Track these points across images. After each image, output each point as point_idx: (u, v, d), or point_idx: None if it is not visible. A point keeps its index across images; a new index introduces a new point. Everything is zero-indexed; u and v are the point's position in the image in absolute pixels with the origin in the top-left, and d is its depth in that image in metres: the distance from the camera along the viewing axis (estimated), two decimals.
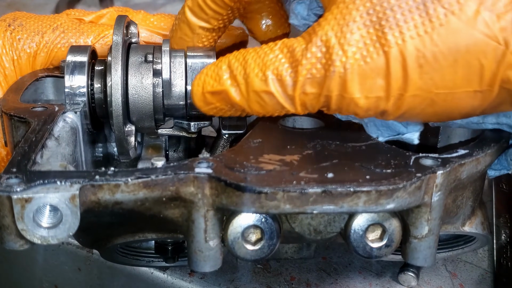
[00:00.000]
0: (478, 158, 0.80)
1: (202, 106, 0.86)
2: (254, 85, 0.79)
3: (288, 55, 0.77)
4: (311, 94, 0.77)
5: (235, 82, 0.81)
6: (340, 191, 0.70)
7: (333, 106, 0.77)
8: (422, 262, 0.80)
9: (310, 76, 0.75)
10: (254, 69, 0.79)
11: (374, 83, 0.74)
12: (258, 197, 0.70)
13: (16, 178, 0.69)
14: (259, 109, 0.81)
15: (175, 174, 0.72)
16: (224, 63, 0.83)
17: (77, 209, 0.68)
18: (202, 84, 0.84)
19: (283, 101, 0.78)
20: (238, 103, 0.82)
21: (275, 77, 0.77)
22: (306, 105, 0.78)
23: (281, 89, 0.78)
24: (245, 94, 0.80)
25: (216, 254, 0.77)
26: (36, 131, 0.81)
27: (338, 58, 0.74)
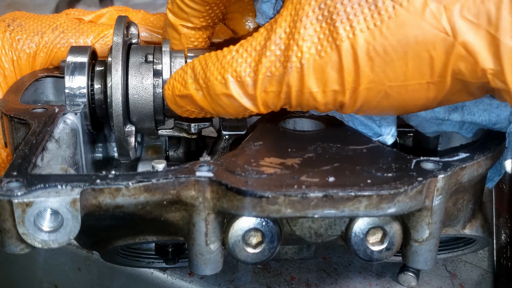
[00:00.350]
0: (479, 161, 0.80)
1: (175, 109, 0.88)
2: (215, 89, 0.80)
3: (245, 56, 0.78)
4: (272, 92, 0.77)
5: (198, 86, 0.82)
6: (341, 196, 0.70)
7: (293, 102, 0.78)
8: (423, 265, 0.80)
9: (269, 74, 0.76)
10: (213, 72, 0.80)
11: (330, 77, 0.74)
12: (259, 202, 0.70)
13: (17, 182, 0.68)
14: (223, 111, 0.82)
15: (176, 178, 0.72)
16: (189, 67, 0.84)
17: (78, 213, 0.68)
18: (171, 88, 0.86)
19: (244, 102, 0.79)
20: (204, 106, 0.83)
21: (234, 79, 0.78)
22: (268, 103, 0.79)
23: (242, 90, 0.79)
24: (208, 97, 0.82)
25: (217, 257, 0.77)
26: (37, 133, 0.81)
27: (294, 54, 0.74)
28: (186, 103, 0.86)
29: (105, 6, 1.96)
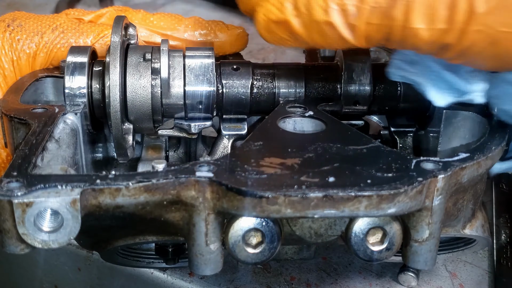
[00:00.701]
0: (479, 161, 0.80)
1: (266, 36, 0.86)
2: (316, 15, 0.78)
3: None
4: (374, 25, 0.76)
5: (297, 12, 0.80)
6: (341, 196, 0.70)
7: (394, 37, 0.76)
8: (423, 266, 0.80)
9: (375, 4, 0.74)
10: (318, 0, 0.77)
11: (439, 14, 0.72)
12: (259, 202, 0.70)
13: (17, 182, 0.68)
14: (320, 40, 0.80)
15: (176, 178, 0.72)
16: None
17: (78, 213, 0.68)
18: (266, 12, 0.83)
19: (345, 32, 0.77)
20: (300, 34, 0.81)
21: (338, 7, 0.76)
22: (368, 36, 0.77)
23: (344, 19, 0.77)
24: (307, 24, 0.79)
25: (217, 258, 0.77)
26: (37, 134, 0.81)
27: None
28: (281, 29, 0.83)
29: (105, 6, 1.95)
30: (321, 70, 1.00)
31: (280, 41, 0.85)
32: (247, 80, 0.97)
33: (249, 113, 1.00)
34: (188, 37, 1.10)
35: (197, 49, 0.99)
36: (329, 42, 0.80)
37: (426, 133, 1.01)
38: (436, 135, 0.98)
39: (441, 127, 0.96)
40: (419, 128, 1.03)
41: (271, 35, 0.85)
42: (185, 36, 1.10)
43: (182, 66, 0.95)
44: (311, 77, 0.99)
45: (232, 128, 1.00)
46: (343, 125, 0.89)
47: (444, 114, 0.95)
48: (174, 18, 1.11)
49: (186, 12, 2.13)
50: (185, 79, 0.95)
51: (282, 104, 0.96)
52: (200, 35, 1.10)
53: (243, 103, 0.97)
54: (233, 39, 1.12)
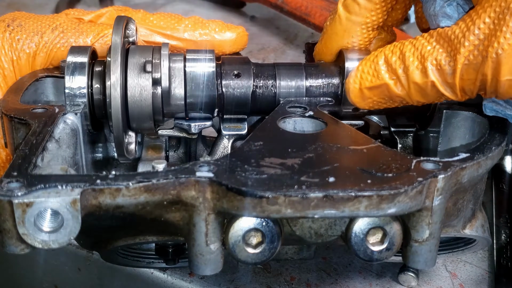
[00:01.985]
0: (479, 161, 0.80)
1: (358, 102, 0.91)
2: (415, 77, 0.83)
3: (445, 45, 0.81)
4: (468, 80, 0.80)
5: (394, 75, 0.85)
6: (341, 196, 0.70)
7: (489, 89, 0.79)
8: (423, 266, 0.80)
9: (467, 62, 0.78)
10: (413, 62, 0.83)
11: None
12: (260, 202, 0.70)
13: (17, 182, 0.68)
14: (420, 98, 0.85)
15: (176, 178, 0.72)
16: (380, 58, 0.87)
17: (78, 213, 0.68)
18: (359, 81, 0.89)
19: (443, 89, 0.82)
20: (398, 95, 0.86)
21: (434, 67, 0.81)
22: (465, 90, 0.81)
23: (441, 78, 0.81)
24: (405, 86, 0.84)
25: (217, 258, 0.77)
26: (37, 134, 0.81)
27: (491, 44, 0.76)
28: (375, 94, 0.88)
29: (105, 6, 1.95)
30: (321, 70, 1.00)
31: (373, 104, 0.91)
32: (248, 81, 0.97)
33: (249, 113, 1.00)
34: (188, 37, 1.10)
35: (198, 52, 0.99)
36: (429, 99, 0.85)
37: (426, 133, 1.02)
38: (436, 135, 0.98)
39: (441, 127, 0.96)
40: (419, 128, 1.03)
41: (365, 101, 0.90)
42: (185, 36, 1.10)
43: (183, 75, 0.96)
44: (312, 77, 0.99)
45: (232, 128, 1.00)
46: (343, 125, 0.89)
47: (444, 114, 0.95)
48: (174, 18, 1.11)
49: (186, 12, 2.13)
50: (186, 87, 0.96)
51: (282, 104, 0.95)
52: (200, 34, 1.10)
53: (244, 104, 0.97)
54: (233, 39, 1.12)
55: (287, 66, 1.00)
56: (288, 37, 2.04)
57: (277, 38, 2.04)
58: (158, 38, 1.09)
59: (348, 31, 0.97)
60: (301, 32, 2.05)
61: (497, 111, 0.86)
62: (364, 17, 0.94)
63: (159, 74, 0.93)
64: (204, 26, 1.10)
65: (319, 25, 1.75)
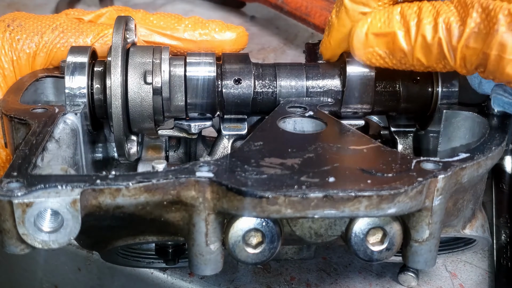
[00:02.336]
0: (479, 161, 0.80)
1: (358, 49, 0.89)
2: (425, 30, 0.82)
3: (460, 9, 0.80)
4: (472, 49, 0.79)
5: (405, 27, 0.84)
6: (341, 196, 0.70)
7: (490, 66, 0.79)
8: (423, 266, 0.80)
9: (476, 30, 0.78)
10: (428, 17, 0.82)
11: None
12: (260, 202, 0.70)
13: (17, 182, 0.69)
14: (422, 56, 0.84)
15: (176, 178, 0.72)
16: (395, 9, 0.86)
17: (78, 214, 0.68)
18: (367, 25, 0.88)
19: (446, 50, 0.81)
20: (402, 48, 0.85)
21: (445, 25, 0.81)
22: (466, 59, 0.81)
23: (448, 38, 0.81)
24: (413, 39, 0.84)
25: (217, 258, 0.77)
26: (37, 134, 0.81)
27: (503, 18, 0.75)
28: (380, 42, 0.87)
29: (105, 6, 1.95)
30: (322, 70, 1.00)
31: (372, 57, 0.89)
32: (248, 82, 0.97)
33: (249, 114, 1.00)
34: (188, 37, 1.09)
35: (198, 56, 0.99)
36: (430, 59, 0.84)
37: (426, 133, 1.01)
38: (436, 135, 0.98)
39: (441, 127, 0.96)
40: (420, 128, 1.03)
41: (365, 49, 0.88)
42: (185, 35, 1.09)
43: (184, 81, 0.96)
44: (312, 77, 0.99)
45: (232, 128, 1.00)
46: (343, 125, 0.89)
47: (444, 114, 0.95)
48: (174, 18, 1.11)
49: (186, 12, 2.13)
50: (187, 93, 0.96)
51: (282, 104, 0.95)
52: (200, 35, 1.10)
53: (244, 104, 0.97)
54: (233, 39, 1.12)
55: (287, 67, 1.00)
56: (288, 37, 2.04)
57: (277, 38, 2.04)
58: (157, 38, 1.09)
59: (357, 22, 0.95)
60: (301, 32, 2.04)
61: (505, 107, 0.86)
62: (372, 7, 0.94)
63: (160, 84, 0.93)
64: (204, 26, 1.10)
65: (319, 25, 1.75)
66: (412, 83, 0.98)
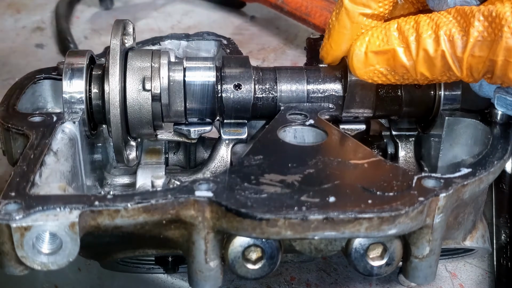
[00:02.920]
0: (481, 177, 0.79)
1: (359, 68, 0.88)
2: (426, 44, 0.81)
3: (460, 19, 0.79)
4: (478, 58, 0.79)
5: (404, 42, 0.83)
6: (341, 218, 0.70)
7: (497, 72, 0.78)
8: (423, 281, 0.80)
9: (480, 38, 0.78)
10: (427, 30, 0.81)
11: None
12: (259, 224, 0.70)
13: (15, 203, 0.68)
14: (426, 70, 0.83)
15: (175, 198, 0.72)
16: (392, 25, 0.85)
17: (77, 236, 0.68)
18: (366, 44, 0.87)
19: (451, 62, 0.80)
20: (404, 64, 0.84)
21: (447, 37, 0.80)
22: (472, 69, 0.80)
23: (451, 50, 0.80)
24: (414, 54, 0.83)
25: (217, 274, 0.77)
26: (34, 147, 0.80)
27: (507, 24, 0.75)
28: (380, 60, 0.86)
29: (105, 6, 1.91)
30: (323, 74, 0.98)
31: (373, 75, 0.88)
32: (249, 86, 0.95)
33: (249, 118, 0.99)
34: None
35: (198, 60, 0.98)
36: (434, 72, 0.83)
37: (427, 137, 1.00)
38: (438, 139, 0.97)
39: (443, 134, 0.95)
40: (421, 131, 1.02)
41: (366, 68, 0.87)
42: None
43: (183, 87, 0.95)
44: (313, 81, 0.98)
45: (232, 132, 0.99)
46: (344, 135, 0.88)
47: (446, 121, 0.94)
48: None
49: (186, 12, 2.10)
50: (186, 99, 0.95)
51: (282, 112, 0.94)
52: None
53: (244, 109, 0.96)
54: None
55: (288, 71, 0.98)
56: (288, 37, 2.02)
57: (277, 38, 2.03)
58: None
59: (357, 23, 0.94)
60: (301, 32, 2.03)
61: (508, 108, 0.85)
62: (372, 8, 0.92)
63: (159, 90, 0.92)
64: None
65: (319, 25, 1.74)
66: (414, 87, 0.96)
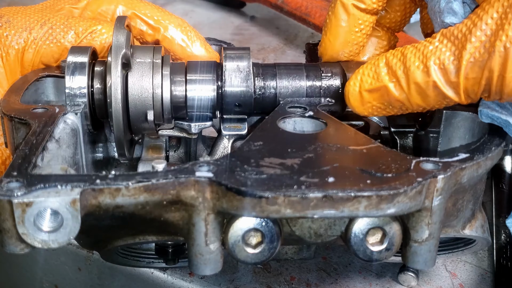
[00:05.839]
0: (479, 162, 0.80)
1: (357, 106, 0.89)
2: (416, 77, 0.81)
3: (448, 44, 0.80)
4: (473, 79, 0.78)
5: (394, 77, 0.84)
6: (340, 196, 0.70)
7: (494, 88, 0.78)
8: (422, 266, 0.79)
9: (472, 60, 0.77)
10: (414, 62, 0.81)
11: None
12: (259, 202, 0.70)
13: (17, 182, 0.69)
14: (420, 101, 0.83)
15: (176, 178, 0.72)
16: (381, 61, 0.85)
17: (78, 213, 0.68)
18: (359, 83, 0.87)
19: (445, 90, 0.80)
20: (398, 98, 0.84)
21: (437, 66, 0.80)
22: (468, 91, 0.80)
23: (444, 78, 0.80)
24: (405, 88, 0.83)
25: (217, 257, 0.77)
26: (37, 134, 0.81)
27: (499, 39, 0.75)
28: (375, 97, 0.87)
29: None
30: (322, 70, 1.00)
31: (372, 110, 0.89)
32: (249, 82, 0.97)
33: (250, 114, 1.00)
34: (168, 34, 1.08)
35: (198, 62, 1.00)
36: (429, 102, 0.84)
37: (426, 133, 1.01)
38: (436, 135, 0.98)
39: (441, 128, 0.96)
40: (419, 128, 1.03)
41: (364, 105, 0.88)
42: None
43: (184, 91, 0.97)
44: (312, 77, 0.99)
45: (232, 128, 1.00)
46: (343, 125, 0.89)
47: (444, 115, 0.95)
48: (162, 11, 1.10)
49: (186, 12, 2.13)
50: (187, 102, 0.97)
51: (282, 104, 0.96)
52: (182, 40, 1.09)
53: (244, 104, 0.97)
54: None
55: (287, 67, 1.00)
56: (288, 37, 2.04)
57: (277, 38, 2.04)
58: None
59: (354, 14, 0.95)
60: (301, 32, 2.05)
61: (493, 118, 0.86)
62: (366, 4, 0.93)
63: (160, 85, 0.94)
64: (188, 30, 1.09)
65: (319, 25, 1.75)
66: None
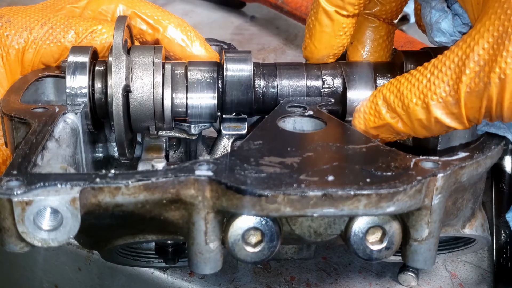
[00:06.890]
0: (479, 160, 0.80)
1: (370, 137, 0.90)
2: (417, 114, 0.83)
3: (442, 76, 0.80)
4: (472, 108, 0.79)
5: (395, 114, 0.85)
6: (340, 194, 0.70)
7: (494, 114, 0.79)
8: (422, 265, 0.79)
9: (469, 90, 0.78)
10: (412, 99, 0.82)
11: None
12: (259, 200, 0.70)
13: (17, 181, 0.69)
14: (426, 133, 0.85)
15: (176, 177, 0.72)
16: (378, 98, 0.87)
17: (78, 212, 0.68)
18: (363, 122, 0.90)
19: (448, 121, 0.82)
20: (403, 131, 0.86)
21: (435, 101, 0.80)
22: (470, 118, 0.81)
23: (445, 110, 0.81)
24: (408, 123, 0.85)
25: (217, 256, 0.77)
26: (37, 133, 0.81)
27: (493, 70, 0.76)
28: (382, 131, 0.89)
29: None
30: (322, 69, 1.00)
31: (385, 139, 0.91)
32: (249, 81, 0.97)
33: (250, 113, 1.00)
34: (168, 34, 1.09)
35: (200, 62, 1.00)
36: (435, 132, 0.85)
37: None
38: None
39: None
40: None
41: (374, 137, 0.90)
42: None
43: (185, 83, 0.96)
44: (313, 76, 0.99)
45: (232, 128, 1.00)
46: (342, 124, 0.89)
47: None
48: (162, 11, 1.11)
49: (186, 12, 2.13)
50: (188, 102, 0.97)
51: (282, 104, 0.96)
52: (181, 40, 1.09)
53: (244, 104, 0.98)
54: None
55: (288, 66, 1.00)
56: (288, 37, 2.04)
57: (277, 38, 2.04)
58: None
59: (337, 20, 0.94)
60: (301, 32, 2.04)
61: (490, 130, 0.87)
62: (348, 11, 0.93)
63: (161, 84, 0.94)
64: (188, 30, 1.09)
65: None
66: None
